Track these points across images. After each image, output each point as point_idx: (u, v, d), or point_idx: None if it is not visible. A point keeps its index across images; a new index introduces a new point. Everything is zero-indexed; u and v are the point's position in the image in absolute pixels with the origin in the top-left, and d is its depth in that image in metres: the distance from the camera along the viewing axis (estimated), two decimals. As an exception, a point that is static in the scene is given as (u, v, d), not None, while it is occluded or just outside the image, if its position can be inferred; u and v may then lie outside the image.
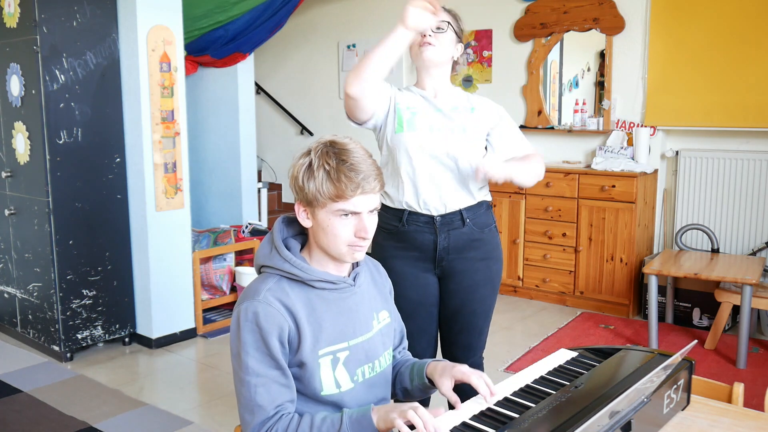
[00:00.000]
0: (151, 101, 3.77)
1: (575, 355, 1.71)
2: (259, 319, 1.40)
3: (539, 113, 5.03)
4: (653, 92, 4.53)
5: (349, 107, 2.09)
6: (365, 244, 1.48)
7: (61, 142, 3.60)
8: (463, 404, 1.43)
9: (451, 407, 1.45)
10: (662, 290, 4.23)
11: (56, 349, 3.74)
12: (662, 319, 4.26)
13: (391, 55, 1.92)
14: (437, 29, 2.12)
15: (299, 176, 1.45)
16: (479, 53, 5.27)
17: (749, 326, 3.58)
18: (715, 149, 4.41)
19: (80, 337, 3.78)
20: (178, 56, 3.87)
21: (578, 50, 5.03)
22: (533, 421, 1.30)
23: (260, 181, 5.91)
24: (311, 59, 6.30)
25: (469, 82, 5.35)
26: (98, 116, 3.73)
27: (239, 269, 4.44)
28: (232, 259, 4.51)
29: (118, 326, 3.94)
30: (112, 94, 3.78)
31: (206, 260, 4.37)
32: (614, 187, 4.37)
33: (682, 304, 4.27)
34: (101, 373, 3.61)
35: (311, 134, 6.37)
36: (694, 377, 1.58)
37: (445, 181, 2.13)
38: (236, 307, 1.47)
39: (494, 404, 1.42)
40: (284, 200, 6.60)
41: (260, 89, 6.49)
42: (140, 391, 3.39)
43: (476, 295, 2.20)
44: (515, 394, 1.47)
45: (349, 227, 1.45)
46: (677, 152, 4.54)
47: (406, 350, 1.76)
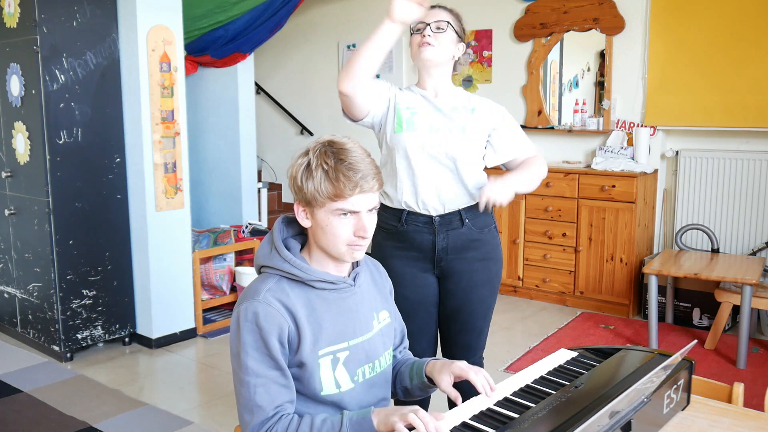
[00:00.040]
0: (151, 101, 3.77)
1: (575, 355, 1.71)
2: (258, 319, 1.40)
3: (539, 113, 5.03)
4: (653, 92, 4.52)
5: (344, 105, 2.09)
6: (364, 243, 1.48)
7: (61, 142, 3.60)
8: (463, 404, 1.42)
9: (450, 405, 1.45)
10: (662, 290, 4.23)
11: (56, 349, 3.74)
12: (662, 319, 4.26)
13: (380, 50, 1.91)
14: (437, 29, 2.10)
15: (298, 176, 1.45)
16: (479, 53, 5.27)
17: (749, 326, 3.58)
18: (715, 149, 4.41)
19: (80, 337, 3.79)
20: (178, 56, 3.87)
21: (578, 50, 5.02)
22: (533, 421, 1.30)
23: (260, 181, 5.91)
24: (311, 59, 6.30)
25: (469, 82, 5.35)
26: (98, 116, 3.73)
27: (239, 269, 4.44)
28: (232, 259, 4.51)
29: (118, 326, 3.94)
30: (112, 94, 3.79)
31: (206, 260, 4.37)
32: (614, 187, 4.37)
33: (682, 304, 4.27)
34: (101, 373, 3.61)
35: (311, 134, 6.37)
36: (694, 377, 1.58)
37: (444, 181, 2.12)
38: (236, 307, 1.47)
39: (494, 404, 1.42)
40: (284, 200, 6.60)
41: (260, 89, 6.49)
42: (140, 391, 3.39)
43: (475, 295, 2.20)
44: (515, 394, 1.47)
45: (348, 226, 1.44)
46: (677, 152, 4.54)
47: (407, 350, 1.76)
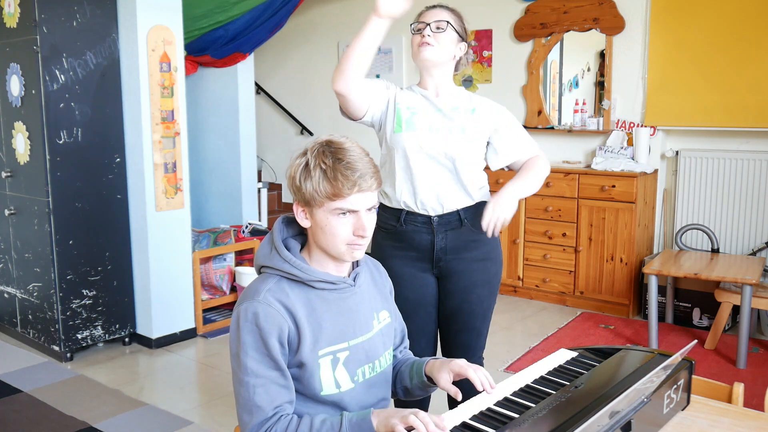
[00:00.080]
0: (151, 101, 3.77)
1: (575, 355, 1.71)
2: (258, 319, 1.40)
3: (539, 113, 5.03)
4: (653, 92, 4.52)
5: (341, 104, 2.10)
6: (364, 242, 1.48)
7: (61, 142, 3.60)
8: (462, 404, 1.42)
9: (450, 404, 1.45)
10: (662, 290, 4.23)
11: (56, 349, 3.74)
12: (662, 319, 4.26)
13: (369, 47, 1.93)
14: (437, 29, 2.10)
15: (296, 176, 1.45)
16: (479, 53, 5.27)
17: (749, 326, 3.58)
18: (715, 149, 4.41)
19: (80, 337, 3.79)
20: (178, 56, 3.87)
21: (578, 50, 5.02)
22: (533, 421, 1.30)
23: (260, 181, 5.91)
24: (311, 59, 6.30)
25: (469, 82, 5.35)
26: (98, 116, 3.73)
27: (239, 269, 4.44)
28: (232, 259, 4.51)
29: (118, 326, 3.94)
30: (112, 94, 3.79)
31: (206, 260, 4.37)
32: (614, 187, 4.37)
33: (682, 304, 4.27)
34: (101, 373, 3.61)
35: (311, 134, 6.37)
36: (694, 377, 1.58)
37: (442, 181, 2.12)
38: (236, 307, 1.47)
39: (494, 404, 1.42)
40: (284, 200, 6.60)
41: (260, 89, 6.49)
42: (140, 391, 3.39)
43: (474, 295, 2.20)
44: (515, 394, 1.47)
45: (347, 226, 1.44)
46: (677, 152, 4.54)
47: (407, 350, 1.75)
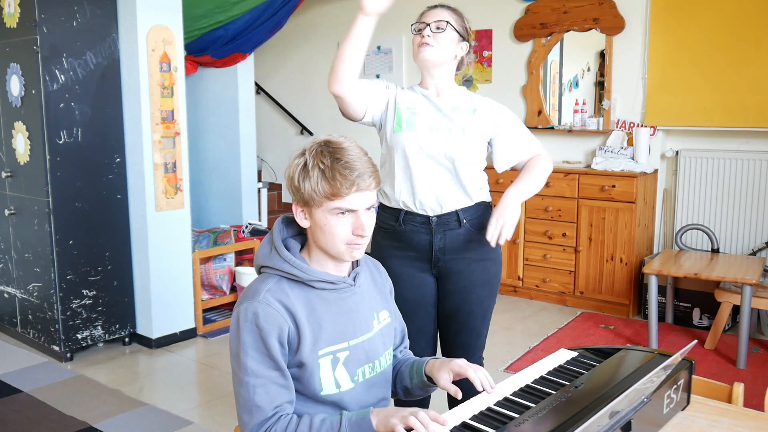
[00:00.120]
0: (151, 101, 3.77)
1: (575, 355, 1.71)
2: (258, 319, 1.40)
3: (539, 113, 5.03)
4: (653, 92, 4.52)
5: (339, 106, 2.11)
6: (363, 242, 1.47)
7: (61, 142, 3.60)
8: (463, 404, 1.42)
9: (450, 404, 1.45)
10: (662, 290, 4.23)
11: (56, 349, 3.74)
12: (662, 319, 4.26)
13: (359, 45, 1.95)
14: (437, 29, 2.10)
15: (295, 176, 1.45)
16: (479, 53, 5.27)
17: (749, 326, 3.58)
18: (715, 149, 4.41)
19: (80, 337, 3.79)
20: (178, 56, 3.87)
21: (578, 50, 5.02)
22: (533, 421, 1.30)
23: (260, 181, 5.91)
24: (311, 59, 6.30)
25: (469, 82, 5.35)
26: (98, 116, 3.73)
27: (239, 269, 4.44)
28: (232, 259, 4.51)
29: (118, 326, 3.94)
30: (112, 94, 3.78)
31: (206, 260, 4.37)
32: (614, 187, 4.37)
33: (682, 304, 4.27)
34: (101, 373, 3.61)
35: (311, 134, 6.37)
36: (694, 377, 1.58)
37: (442, 181, 2.12)
38: (236, 307, 1.47)
39: (494, 404, 1.41)
40: (284, 200, 6.60)
41: (260, 89, 6.49)
42: (140, 391, 3.39)
43: (473, 296, 2.19)
44: (515, 394, 1.47)
45: (346, 225, 1.44)
46: (677, 152, 4.54)
47: (407, 349, 1.75)
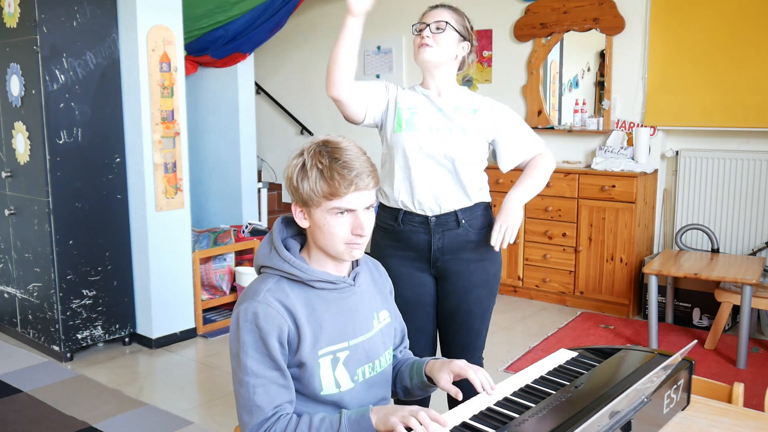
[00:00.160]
0: (151, 101, 3.77)
1: (575, 355, 1.71)
2: (258, 319, 1.40)
3: (539, 113, 5.03)
4: (653, 92, 4.52)
5: (340, 110, 2.11)
6: (363, 241, 1.47)
7: (61, 142, 3.60)
8: (463, 404, 1.42)
9: (450, 404, 1.45)
10: (662, 290, 4.23)
11: (56, 349, 3.74)
12: (662, 319, 4.26)
13: (350, 47, 1.96)
14: (436, 29, 2.10)
15: (293, 177, 1.45)
16: (479, 53, 5.27)
17: (749, 326, 3.58)
18: (715, 149, 4.41)
19: (80, 337, 3.79)
20: (178, 56, 3.87)
21: (578, 50, 5.02)
22: (533, 421, 1.30)
23: (260, 181, 5.91)
24: (311, 59, 6.30)
25: (469, 82, 5.35)
26: (98, 116, 3.73)
27: (239, 269, 4.44)
28: (232, 259, 4.51)
29: (118, 326, 3.94)
30: (112, 94, 3.79)
31: (206, 260, 4.37)
32: (614, 187, 4.37)
33: (682, 304, 4.27)
34: (101, 373, 3.61)
35: (311, 134, 6.37)
36: (694, 377, 1.57)
37: (441, 181, 2.12)
38: (236, 307, 1.47)
39: (494, 404, 1.41)
40: (284, 200, 6.60)
41: (260, 89, 6.49)
42: (140, 391, 3.39)
43: (472, 296, 2.19)
44: (515, 394, 1.47)
45: (345, 225, 1.44)
46: (677, 152, 4.54)
47: (407, 349, 1.75)
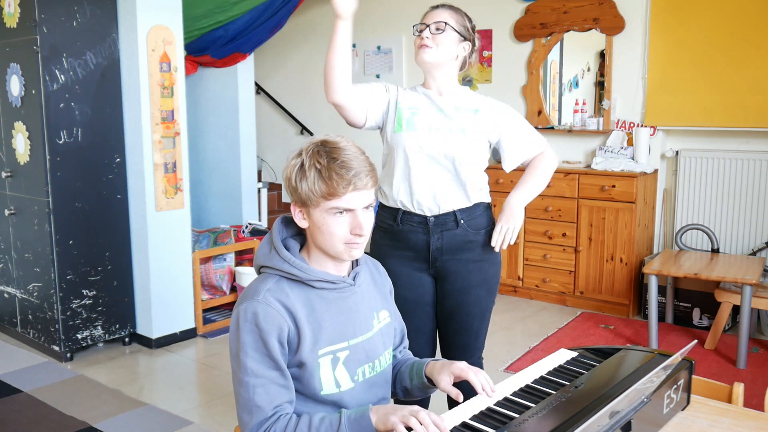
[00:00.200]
0: (151, 101, 3.77)
1: (575, 355, 1.71)
2: (258, 319, 1.40)
3: (539, 113, 5.03)
4: (653, 92, 4.52)
5: (342, 115, 2.12)
6: (362, 241, 1.47)
7: (61, 142, 3.60)
8: (463, 404, 1.42)
9: (450, 404, 1.45)
10: (662, 290, 4.23)
11: (56, 349, 3.74)
12: (662, 319, 4.26)
13: (343, 50, 1.97)
14: (436, 30, 2.10)
15: (292, 177, 1.45)
16: (479, 53, 5.26)
17: (749, 326, 3.57)
18: (715, 149, 4.41)
19: (80, 337, 3.79)
20: (178, 56, 3.87)
21: (578, 50, 5.02)
22: (533, 421, 1.30)
23: (260, 181, 5.91)
24: (311, 59, 6.29)
25: (469, 82, 5.35)
26: (98, 116, 3.73)
27: (239, 269, 4.44)
28: (232, 259, 4.51)
29: (118, 326, 3.94)
30: (112, 94, 3.78)
31: (206, 260, 4.37)
32: (614, 187, 4.37)
33: (682, 304, 4.27)
34: (101, 373, 3.61)
35: (311, 134, 6.37)
36: (694, 377, 1.57)
37: (440, 181, 2.12)
38: (236, 307, 1.47)
39: (494, 404, 1.42)
40: (284, 200, 6.60)
41: (260, 89, 6.49)
42: (140, 391, 3.39)
43: (470, 296, 2.19)
44: (515, 394, 1.47)
45: (344, 225, 1.44)
46: (677, 152, 4.54)
47: (406, 350, 1.75)
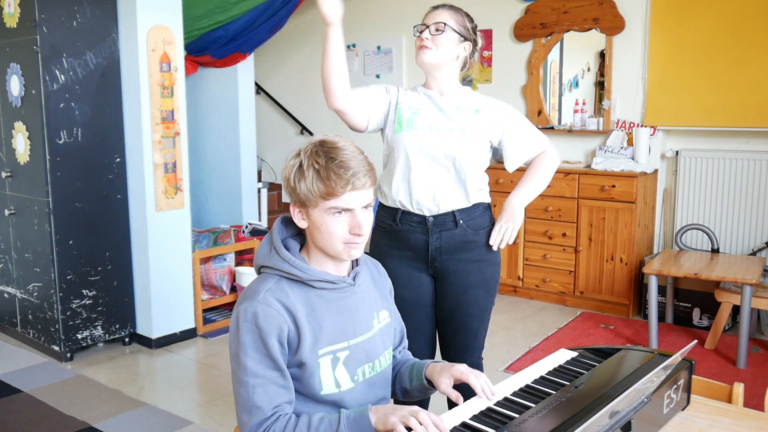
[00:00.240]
0: (151, 101, 3.77)
1: (575, 355, 1.71)
2: (258, 319, 1.40)
3: (539, 113, 5.03)
4: (653, 92, 4.52)
5: (344, 120, 2.13)
6: (361, 240, 1.47)
7: (61, 142, 3.60)
8: (463, 404, 1.42)
9: (450, 405, 1.45)
10: (662, 290, 4.23)
11: (56, 349, 3.74)
12: (662, 319, 4.26)
13: (337, 56, 1.99)
14: (435, 31, 2.11)
15: (291, 177, 1.45)
16: (479, 53, 5.26)
17: (749, 326, 3.57)
18: (715, 149, 4.41)
19: (80, 337, 3.78)
20: (178, 56, 3.87)
21: (578, 50, 5.02)
22: (533, 421, 1.30)
23: (260, 181, 5.91)
24: (311, 59, 6.29)
25: (469, 82, 5.34)
26: (98, 116, 3.73)
27: (239, 269, 4.44)
28: (232, 259, 4.51)
29: (118, 326, 3.94)
30: (112, 94, 3.78)
31: (206, 260, 4.37)
32: (614, 187, 4.37)
33: (682, 304, 4.27)
34: (101, 373, 3.61)
35: (311, 134, 6.37)
36: (694, 377, 1.57)
37: (440, 181, 2.12)
38: (236, 307, 1.47)
39: (494, 404, 1.42)
40: (284, 200, 6.60)
41: (260, 89, 6.49)
42: (140, 391, 3.39)
43: (469, 296, 2.19)
44: (515, 394, 1.47)
45: (343, 225, 1.44)
46: (677, 152, 4.54)
47: (406, 350, 1.76)
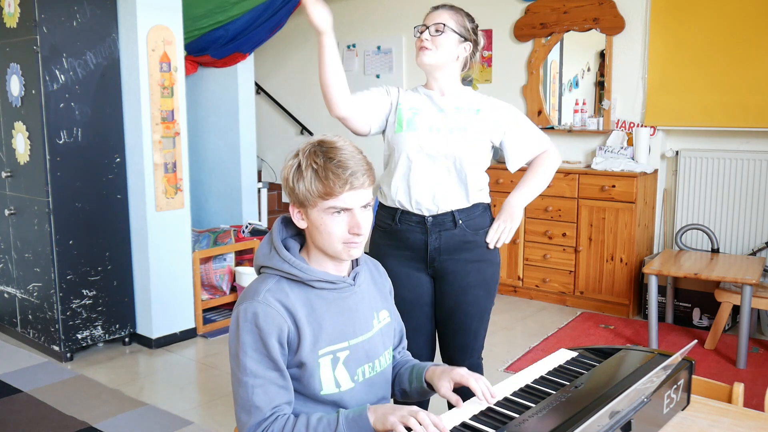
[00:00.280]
0: (151, 101, 3.77)
1: (575, 355, 1.71)
2: (258, 319, 1.40)
3: (539, 113, 5.03)
4: (653, 92, 4.52)
5: (347, 126, 2.13)
6: (360, 240, 1.47)
7: (61, 142, 3.60)
8: (463, 404, 1.42)
9: (450, 406, 1.45)
10: (662, 290, 4.23)
11: (56, 349, 3.74)
12: (662, 319, 4.26)
13: (332, 63, 1.99)
14: (435, 31, 2.11)
15: (289, 178, 1.45)
16: (481, 53, 5.26)
17: (749, 326, 3.58)
18: (715, 149, 4.41)
19: (80, 337, 3.79)
20: (178, 56, 3.87)
21: (578, 50, 5.02)
22: (533, 421, 1.30)
23: (260, 181, 5.91)
24: (311, 59, 6.29)
25: (469, 82, 5.34)
26: (98, 116, 3.73)
27: (239, 269, 4.44)
28: (232, 259, 4.51)
29: (118, 326, 3.94)
30: (112, 94, 3.79)
31: (206, 260, 4.37)
32: (614, 187, 4.37)
33: (682, 304, 4.27)
34: (101, 373, 3.61)
35: (311, 134, 6.37)
36: (694, 377, 1.58)
37: (440, 181, 2.12)
38: (236, 307, 1.47)
39: (494, 404, 1.42)
40: (284, 200, 6.60)
41: (260, 89, 6.49)
42: (140, 391, 3.39)
43: (469, 296, 2.19)
44: (515, 394, 1.47)
45: (342, 224, 1.44)
46: (677, 152, 4.54)
47: (405, 350, 1.76)
